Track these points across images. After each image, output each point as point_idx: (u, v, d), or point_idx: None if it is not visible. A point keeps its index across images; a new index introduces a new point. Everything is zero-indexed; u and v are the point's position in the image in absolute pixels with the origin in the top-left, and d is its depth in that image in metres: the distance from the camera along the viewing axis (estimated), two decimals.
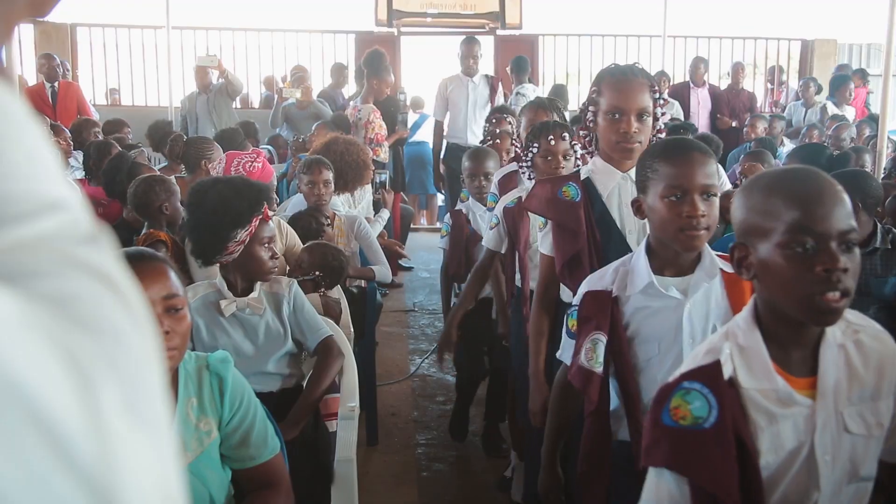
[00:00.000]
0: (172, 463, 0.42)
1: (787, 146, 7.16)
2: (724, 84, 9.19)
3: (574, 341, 1.90)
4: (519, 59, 7.91)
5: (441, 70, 9.14)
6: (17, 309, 0.37)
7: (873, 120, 7.00)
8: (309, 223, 3.67)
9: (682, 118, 7.62)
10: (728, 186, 3.79)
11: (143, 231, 3.41)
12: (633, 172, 2.09)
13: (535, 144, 2.88)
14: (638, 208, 1.86)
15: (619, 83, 2.13)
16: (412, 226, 7.68)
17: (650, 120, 2.14)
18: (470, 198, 3.78)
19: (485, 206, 3.61)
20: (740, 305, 1.61)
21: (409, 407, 4.20)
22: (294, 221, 3.64)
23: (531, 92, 7.22)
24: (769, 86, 10.48)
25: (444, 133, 6.91)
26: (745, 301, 1.61)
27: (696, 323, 1.80)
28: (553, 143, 2.85)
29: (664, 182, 1.75)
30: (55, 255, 0.42)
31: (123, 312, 0.42)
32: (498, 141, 4.16)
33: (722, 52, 10.66)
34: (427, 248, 7.60)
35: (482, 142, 4.45)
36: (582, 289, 1.91)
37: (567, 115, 3.78)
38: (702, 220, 1.73)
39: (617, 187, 2.18)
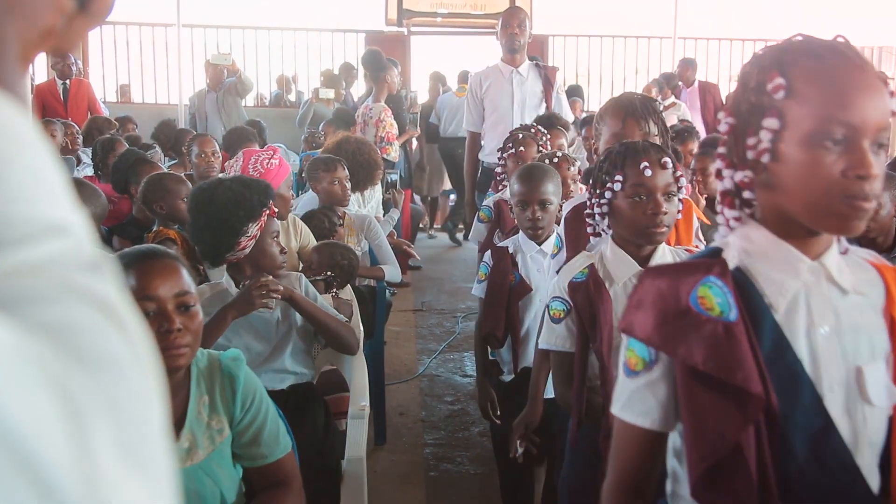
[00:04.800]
0: None
1: None
2: (733, 86, 9.20)
3: None
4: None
5: (452, 71, 9.17)
6: (12, 339, 0.35)
7: None
8: (322, 221, 3.66)
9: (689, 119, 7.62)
10: None
11: (154, 228, 3.42)
12: (830, 260, 1.10)
13: (619, 177, 1.81)
14: None
15: (834, 74, 1.02)
16: (420, 226, 7.68)
17: (885, 153, 1.06)
18: (520, 233, 2.78)
19: (538, 243, 2.72)
20: None
21: (417, 406, 4.20)
22: (306, 220, 3.62)
23: None
24: None
25: (481, 150, 5.04)
26: None
27: None
28: (650, 173, 1.78)
29: None
30: (56, 282, 0.40)
31: (124, 345, 0.41)
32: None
33: (732, 53, 10.64)
34: (436, 248, 7.61)
35: (500, 162, 3.72)
36: None
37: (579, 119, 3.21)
38: None
39: (803, 293, 1.09)
